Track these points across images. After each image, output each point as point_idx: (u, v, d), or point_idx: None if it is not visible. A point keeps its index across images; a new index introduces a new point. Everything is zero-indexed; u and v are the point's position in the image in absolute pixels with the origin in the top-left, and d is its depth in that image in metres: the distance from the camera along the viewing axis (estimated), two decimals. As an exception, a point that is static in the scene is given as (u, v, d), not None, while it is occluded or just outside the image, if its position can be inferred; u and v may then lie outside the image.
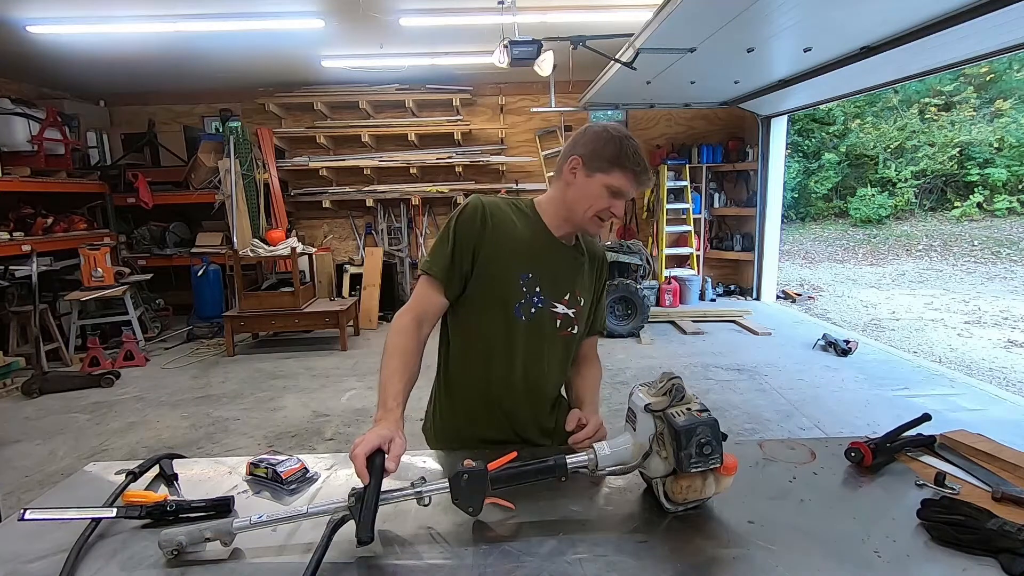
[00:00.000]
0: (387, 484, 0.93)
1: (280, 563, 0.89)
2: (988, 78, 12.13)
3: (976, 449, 1.15)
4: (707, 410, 0.94)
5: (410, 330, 1.22)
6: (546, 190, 1.42)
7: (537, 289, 1.26)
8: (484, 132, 7.20)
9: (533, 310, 1.26)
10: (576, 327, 1.32)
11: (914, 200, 12.37)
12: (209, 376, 4.84)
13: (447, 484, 0.93)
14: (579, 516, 1.00)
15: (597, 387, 1.41)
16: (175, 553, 0.88)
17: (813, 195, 13.25)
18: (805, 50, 4.24)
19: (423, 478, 0.95)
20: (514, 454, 0.96)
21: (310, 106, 6.92)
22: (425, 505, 0.96)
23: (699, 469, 0.91)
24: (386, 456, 0.95)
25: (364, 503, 0.87)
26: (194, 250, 6.55)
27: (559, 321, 1.29)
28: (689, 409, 0.94)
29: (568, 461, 0.96)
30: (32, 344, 4.78)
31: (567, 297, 1.29)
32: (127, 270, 5.89)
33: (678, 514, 0.97)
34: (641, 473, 1.01)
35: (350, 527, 0.87)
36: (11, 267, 4.98)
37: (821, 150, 13.15)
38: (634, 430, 0.99)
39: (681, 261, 7.37)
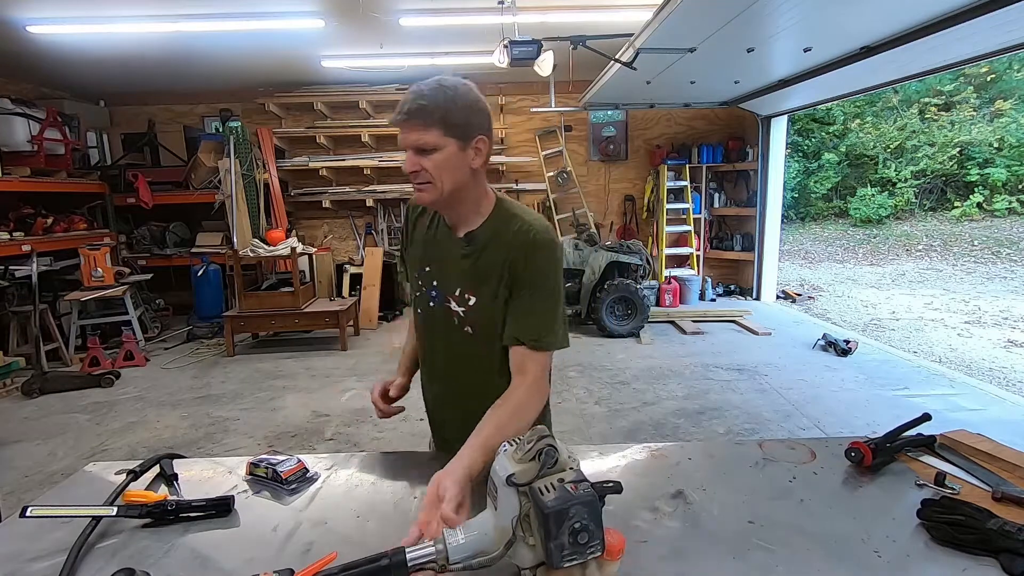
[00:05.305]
0: None
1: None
2: (988, 78, 12.13)
3: (976, 449, 1.15)
4: (584, 479, 0.75)
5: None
6: (545, 190, 1.40)
7: (434, 283, 1.24)
8: (484, 132, 7.19)
9: (431, 303, 1.25)
10: (472, 328, 1.20)
11: (914, 200, 12.36)
12: (209, 376, 4.84)
13: None
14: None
15: (501, 420, 1.02)
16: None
17: (813, 195, 13.24)
18: (805, 50, 4.24)
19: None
20: (333, 555, 0.80)
21: (310, 106, 6.92)
22: None
23: (574, 563, 0.72)
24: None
25: None
26: (194, 250, 6.55)
27: (455, 319, 1.22)
28: (562, 481, 0.74)
29: (408, 556, 0.75)
30: (32, 344, 4.78)
31: (456, 293, 1.20)
32: (127, 270, 5.89)
33: None
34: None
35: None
36: (11, 267, 4.98)
37: (821, 150, 13.14)
38: (495, 508, 0.79)
39: (681, 261, 7.37)
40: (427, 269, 1.25)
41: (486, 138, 1.11)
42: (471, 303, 1.18)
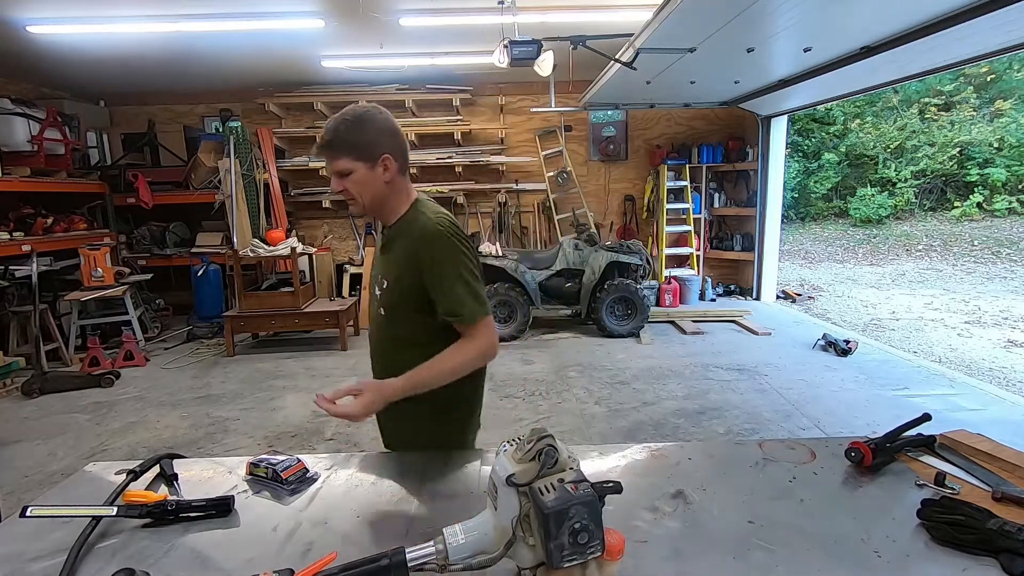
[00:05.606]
0: None
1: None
2: (988, 78, 12.12)
3: (976, 449, 1.15)
4: (584, 479, 0.75)
5: None
6: (545, 190, 1.47)
7: (376, 275, 1.47)
8: (484, 132, 7.20)
9: (371, 291, 1.49)
10: (385, 309, 1.41)
11: (914, 200, 12.36)
12: (209, 376, 4.84)
13: None
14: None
15: (438, 360, 1.29)
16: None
17: (813, 195, 13.24)
18: (805, 50, 4.24)
19: None
20: (333, 555, 0.80)
21: (310, 106, 6.92)
22: None
23: (574, 563, 0.72)
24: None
25: None
26: (194, 250, 6.55)
27: (376, 302, 1.45)
28: (562, 481, 0.74)
29: (408, 556, 0.76)
30: (32, 344, 4.78)
31: (379, 279, 1.43)
32: (127, 270, 5.89)
33: None
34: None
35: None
36: (11, 267, 4.98)
37: (821, 150, 13.13)
38: (495, 508, 0.79)
39: (681, 261, 7.37)
40: (374, 264, 1.50)
41: (391, 155, 1.30)
42: (384, 286, 1.40)
